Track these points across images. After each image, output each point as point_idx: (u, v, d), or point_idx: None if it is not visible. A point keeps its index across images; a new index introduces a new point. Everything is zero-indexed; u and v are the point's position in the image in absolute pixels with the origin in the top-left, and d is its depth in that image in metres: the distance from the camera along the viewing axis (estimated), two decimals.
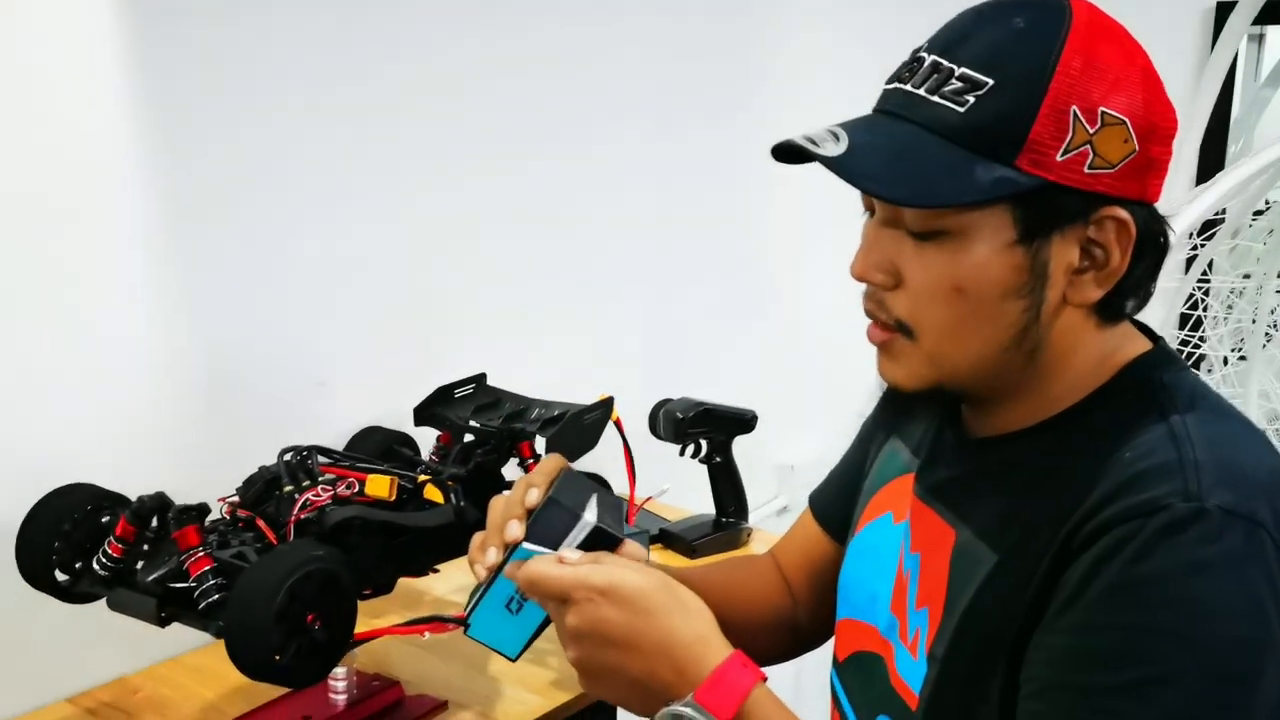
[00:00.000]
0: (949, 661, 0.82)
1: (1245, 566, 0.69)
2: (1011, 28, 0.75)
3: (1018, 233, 0.75)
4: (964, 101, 0.74)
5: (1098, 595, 0.71)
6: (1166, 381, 0.80)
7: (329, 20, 1.42)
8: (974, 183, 0.73)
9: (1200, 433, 0.75)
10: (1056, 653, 0.73)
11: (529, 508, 0.84)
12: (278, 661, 0.93)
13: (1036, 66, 0.73)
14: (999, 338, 0.79)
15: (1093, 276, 0.78)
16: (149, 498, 1.03)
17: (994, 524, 0.82)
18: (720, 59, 2.05)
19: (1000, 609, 0.78)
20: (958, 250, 0.76)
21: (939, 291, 0.77)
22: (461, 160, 1.62)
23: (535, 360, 1.69)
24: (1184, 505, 0.70)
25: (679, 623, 0.78)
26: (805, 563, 1.11)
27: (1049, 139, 0.73)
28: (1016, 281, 0.77)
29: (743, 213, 2.16)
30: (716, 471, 1.65)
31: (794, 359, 2.28)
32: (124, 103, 1.24)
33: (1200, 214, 2.05)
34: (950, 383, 0.82)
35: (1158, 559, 0.69)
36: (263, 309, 1.41)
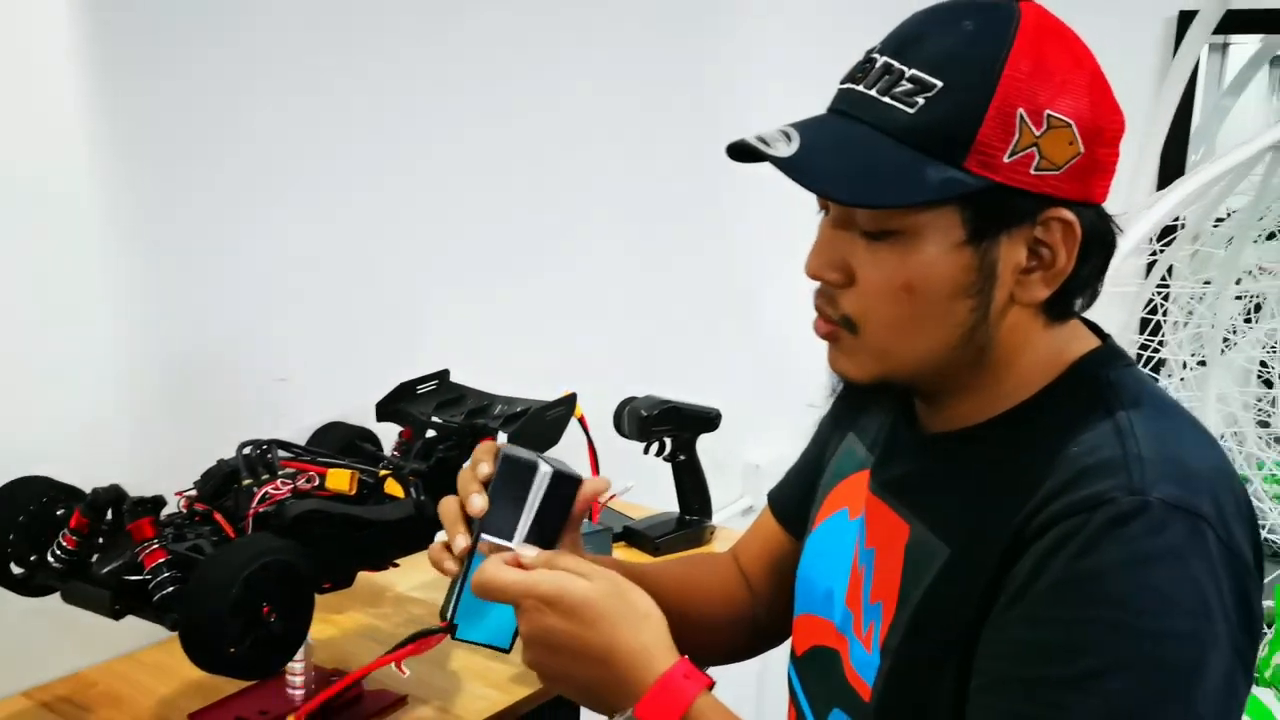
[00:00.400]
0: (902, 654, 0.83)
1: (1188, 559, 0.71)
2: (961, 30, 0.76)
3: (966, 233, 0.77)
4: (914, 103, 0.75)
5: (1044, 589, 0.72)
6: (1113, 379, 0.82)
7: (293, 14, 1.42)
8: (923, 183, 0.75)
9: (1145, 428, 0.76)
10: (1004, 645, 0.74)
11: (484, 479, 0.84)
12: (233, 654, 0.92)
13: (984, 69, 0.74)
14: (947, 336, 0.80)
15: (1040, 276, 0.79)
16: (104, 490, 1.02)
17: (947, 518, 0.83)
18: (689, 60, 2.06)
19: (952, 602, 0.79)
20: (908, 250, 0.77)
21: (889, 290, 0.79)
22: (428, 156, 1.62)
23: (500, 357, 1.69)
24: (1128, 499, 0.71)
25: (624, 634, 0.79)
26: (765, 559, 1.11)
27: (996, 141, 0.74)
28: (965, 281, 0.78)
29: (710, 213, 2.17)
30: (681, 469, 1.66)
31: (761, 359, 2.30)
32: (81, 95, 1.23)
33: (1159, 219, 2.08)
34: (896, 377, 0.83)
35: (1102, 552, 0.71)
36: (224, 302, 1.40)
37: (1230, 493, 0.76)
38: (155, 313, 1.33)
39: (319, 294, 1.50)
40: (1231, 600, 0.72)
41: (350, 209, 1.53)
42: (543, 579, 0.79)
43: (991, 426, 0.84)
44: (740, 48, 2.18)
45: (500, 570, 0.80)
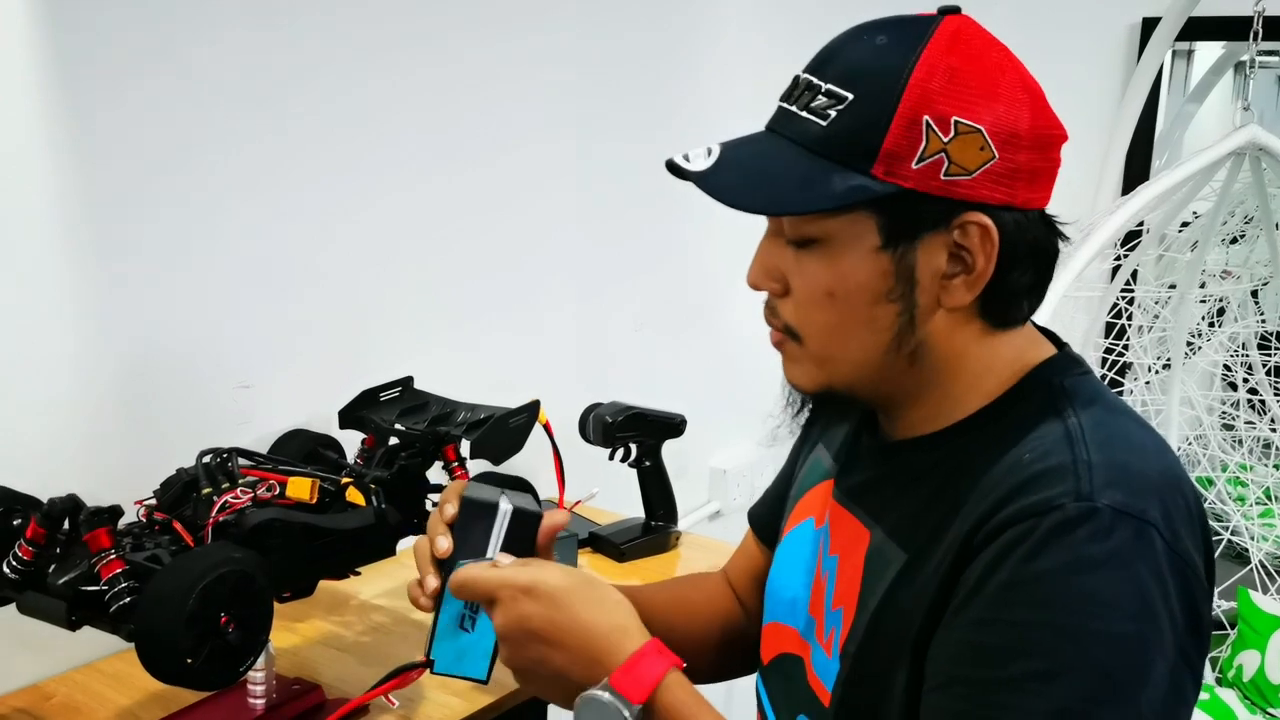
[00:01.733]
0: (860, 658, 0.84)
1: (1134, 563, 0.72)
2: (873, 44, 0.80)
3: (881, 239, 0.79)
4: (826, 115, 0.78)
5: (992, 592, 0.73)
6: (1068, 385, 0.83)
7: (249, 20, 1.41)
8: (829, 191, 0.78)
9: (1095, 434, 0.78)
10: (954, 648, 0.76)
11: (449, 521, 0.87)
12: (189, 665, 0.92)
13: (890, 80, 0.77)
14: (876, 341, 0.82)
15: (963, 280, 0.80)
16: (60, 500, 1.02)
17: (905, 524, 0.84)
18: (647, 65, 2.06)
19: (908, 606, 0.80)
20: (827, 257, 0.81)
21: (814, 297, 0.82)
22: (390, 163, 1.61)
23: (465, 364, 1.69)
24: (1075, 505, 0.73)
25: (597, 615, 0.82)
26: (750, 576, 1.13)
27: (903, 148, 0.77)
28: (884, 286, 0.80)
29: (674, 219, 2.17)
30: (646, 475, 1.66)
31: (727, 364, 2.30)
32: (34, 88, 1.22)
33: (1122, 224, 2.10)
34: (839, 384, 0.85)
35: (1049, 557, 0.72)
36: (184, 308, 1.39)
37: (1180, 498, 0.77)
38: (115, 319, 1.32)
39: (281, 300, 1.50)
40: (1178, 605, 0.73)
41: (312, 215, 1.52)
42: (519, 572, 0.83)
43: (948, 433, 0.85)
44: (702, 49, 2.19)
45: (478, 569, 0.83)
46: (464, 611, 0.87)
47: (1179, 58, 2.97)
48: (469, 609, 0.87)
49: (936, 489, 0.83)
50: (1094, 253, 2.10)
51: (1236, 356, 2.76)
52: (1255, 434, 2.75)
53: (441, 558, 0.86)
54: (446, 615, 0.87)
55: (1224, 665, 2.62)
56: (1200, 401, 2.74)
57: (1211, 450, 2.73)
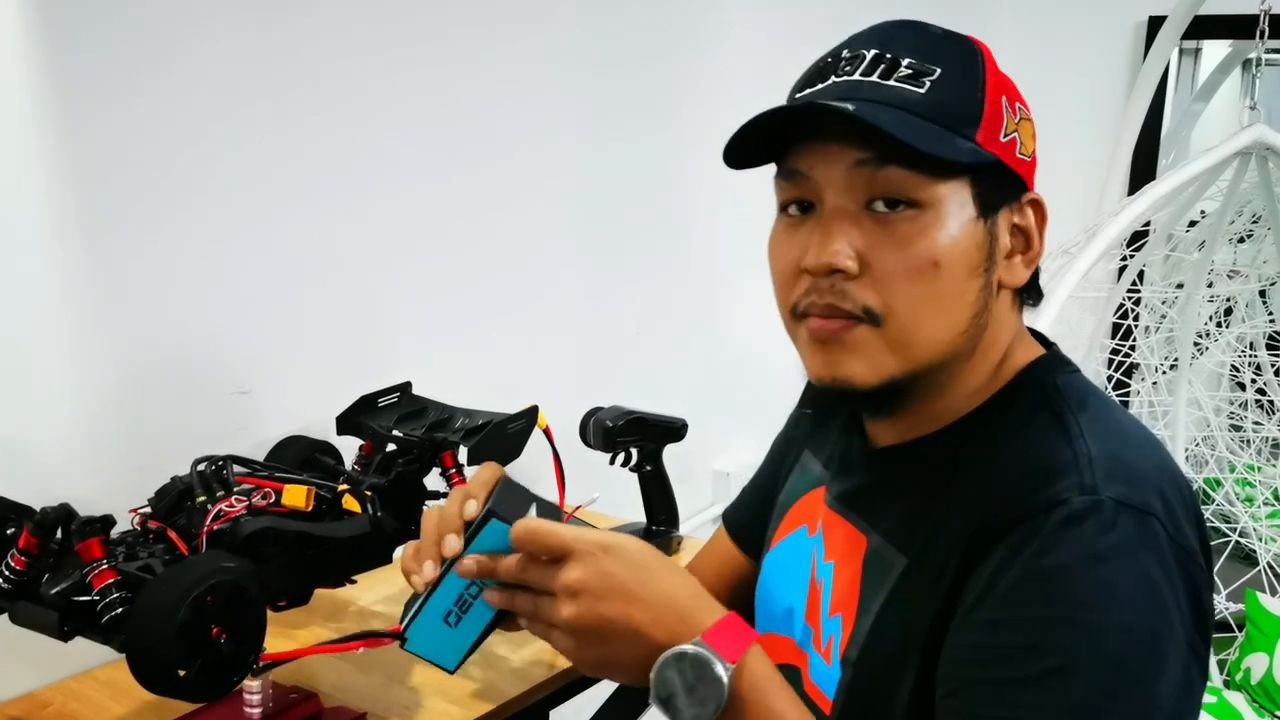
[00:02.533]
0: (862, 664, 0.83)
1: (1139, 554, 0.72)
2: (932, 31, 0.81)
3: (977, 208, 0.79)
4: (921, 83, 0.77)
5: (1003, 591, 0.73)
6: (1059, 384, 0.83)
7: (250, 24, 1.40)
8: (958, 147, 0.77)
9: (1092, 430, 0.78)
10: (967, 650, 0.75)
11: (467, 520, 0.83)
12: (181, 677, 0.91)
13: (970, 58, 0.79)
14: (960, 318, 0.80)
15: (1020, 259, 0.82)
16: (52, 509, 1.01)
17: (902, 527, 0.83)
18: (652, 64, 2.05)
19: (912, 609, 0.80)
20: (931, 225, 0.77)
21: (917, 268, 0.77)
22: (388, 168, 1.61)
23: (464, 370, 1.68)
24: (1080, 499, 0.73)
25: (680, 580, 0.79)
26: (721, 579, 1.12)
27: (994, 121, 0.78)
28: (980, 258, 0.80)
29: (677, 221, 2.17)
30: (647, 480, 1.65)
31: (729, 367, 2.29)
32: (30, 87, 1.21)
33: (1129, 224, 2.09)
34: (909, 372, 0.80)
35: (1058, 552, 0.72)
36: (181, 312, 1.38)
37: (1176, 490, 0.77)
38: (111, 325, 1.31)
39: (279, 306, 1.49)
40: (1184, 595, 0.73)
41: (310, 220, 1.51)
42: (596, 531, 0.79)
43: (942, 435, 0.85)
44: (704, 47, 2.18)
45: (550, 524, 0.79)
46: (453, 608, 0.84)
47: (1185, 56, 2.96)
48: (459, 608, 0.84)
49: (933, 491, 0.82)
50: (1100, 253, 2.08)
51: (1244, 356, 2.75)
52: (1263, 434, 2.74)
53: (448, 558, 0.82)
54: (435, 605, 0.84)
55: (1232, 668, 2.60)
56: (1208, 402, 2.73)
57: (1219, 451, 2.72)
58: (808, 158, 0.79)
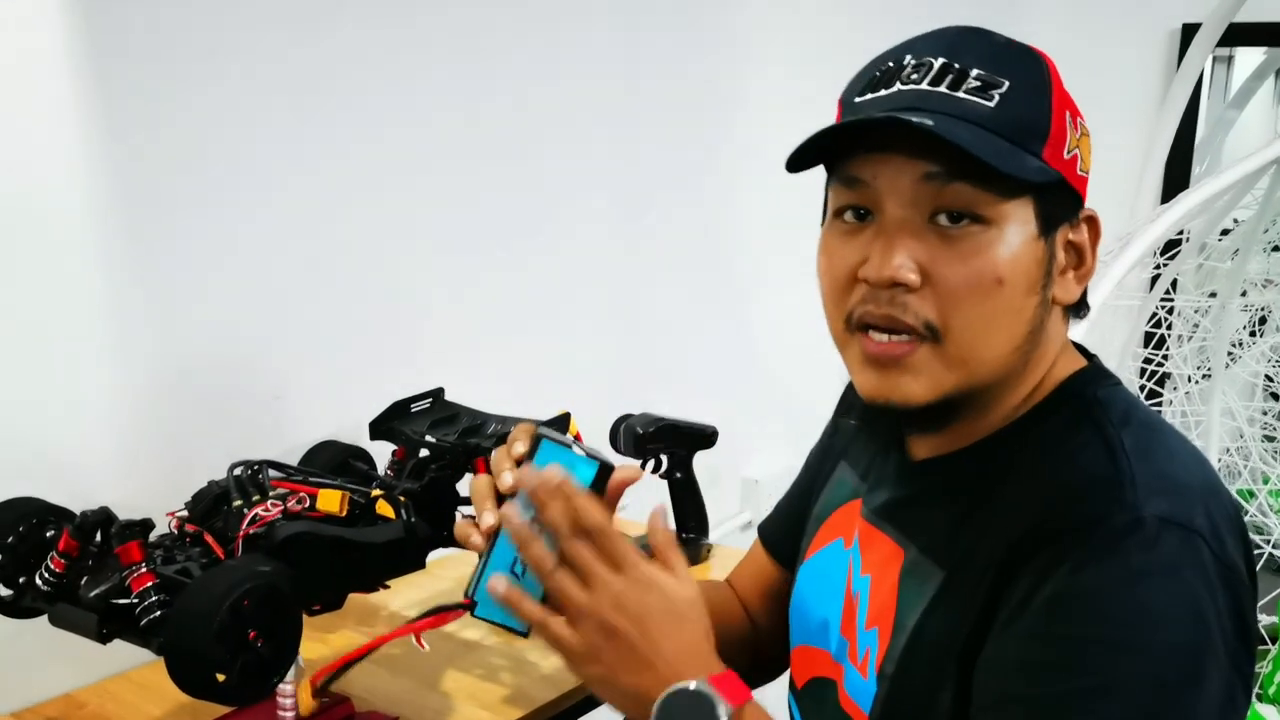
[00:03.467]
0: (899, 679, 0.83)
1: (1181, 573, 0.71)
2: (998, 40, 0.79)
3: (1039, 225, 0.78)
4: (990, 96, 0.76)
5: (1041, 607, 0.72)
6: (1101, 397, 0.82)
7: (282, 28, 1.42)
8: (1027, 165, 0.76)
9: (1135, 446, 0.77)
10: (1005, 665, 0.75)
11: (518, 457, 0.82)
12: (220, 680, 0.92)
13: (1038, 71, 0.78)
14: (1019, 334, 0.80)
15: (1073, 275, 0.82)
16: (92, 512, 1.02)
17: (940, 541, 0.83)
18: (690, 66, 2.05)
19: (949, 623, 0.79)
20: (995, 241, 0.77)
21: (980, 283, 0.76)
22: (422, 171, 1.61)
23: (496, 376, 1.69)
24: (1121, 516, 0.72)
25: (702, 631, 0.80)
26: (759, 590, 1.11)
27: (1059, 137, 0.77)
28: (1039, 275, 0.79)
29: (709, 226, 2.17)
30: (677, 487, 1.65)
31: (760, 373, 2.29)
32: (74, 105, 1.23)
33: (1162, 232, 2.07)
34: (967, 388, 0.80)
35: (1097, 569, 0.71)
36: (217, 319, 1.39)
37: (1222, 507, 0.76)
38: (148, 332, 1.33)
39: (313, 311, 1.50)
40: (1227, 614, 0.72)
41: (344, 226, 1.52)
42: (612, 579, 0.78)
43: (982, 448, 0.84)
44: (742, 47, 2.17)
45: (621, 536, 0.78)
46: (516, 555, 0.80)
47: (1219, 64, 2.94)
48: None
49: (972, 504, 0.81)
50: (1133, 261, 2.07)
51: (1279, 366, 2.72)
52: None
53: (506, 493, 0.80)
54: (497, 560, 0.81)
55: (1264, 681, 2.57)
56: (1241, 412, 2.70)
57: (1253, 462, 2.69)
58: (872, 166, 0.78)
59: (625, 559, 0.78)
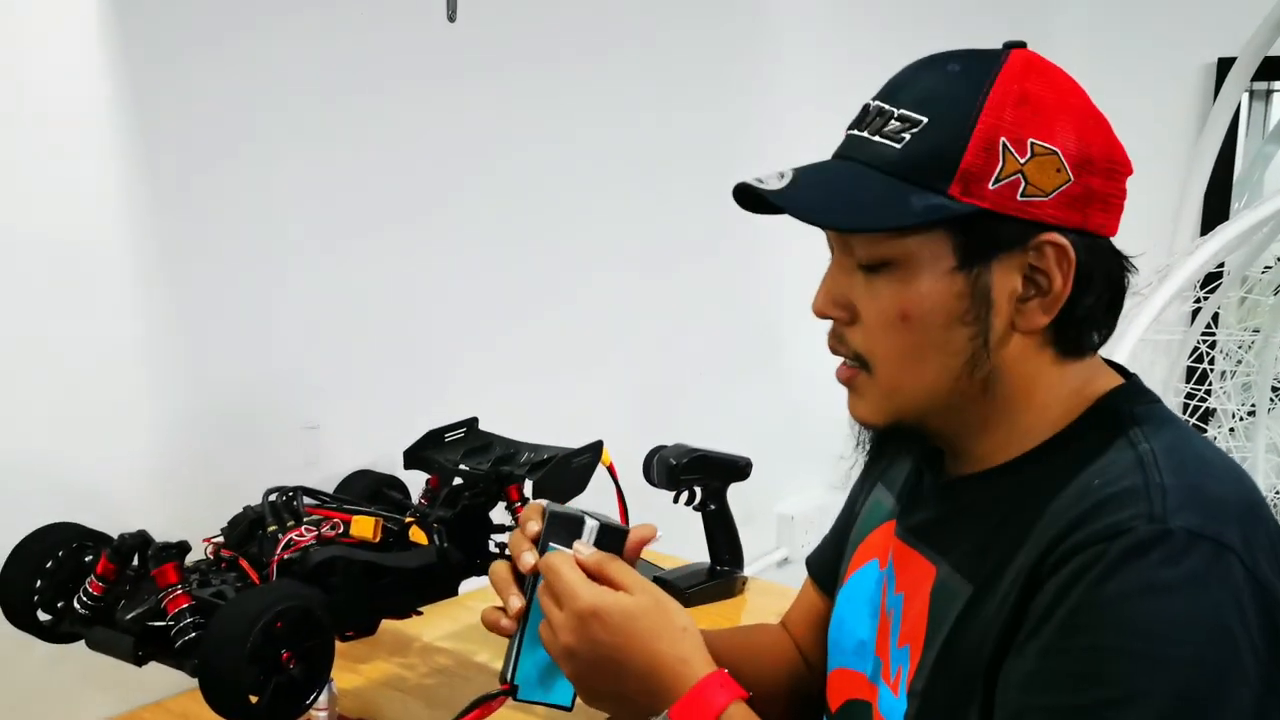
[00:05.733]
0: (929, 696, 0.82)
1: (1210, 588, 0.70)
2: (946, 72, 0.80)
3: (957, 259, 0.79)
4: (901, 139, 0.79)
5: (1062, 618, 0.72)
6: (1137, 413, 0.81)
7: (325, 60, 1.45)
8: (907, 209, 0.77)
9: (1168, 459, 0.76)
10: (1024, 676, 0.74)
11: (533, 537, 0.86)
12: (253, 702, 0.92)
13: (966, 103, 0.78)
14: (949, 365, 0.81)
15: (1038, 303, 0.80)
16: (130, 536, 1.03)
17: (970, 557, 0.82)
18: (719, 99, 2.07)
19: (976, 638, 0.79)
20: (902, 279, 0.80)
21: (887, 320, 0.81)
22: (456, 203, 1.64)
23: (529, 406, 1.69)
24: (1147, 527, 0.71)
25: (664, 645, 0.82)
26: (810, 626, 1.10)
27: (980, 168, 0.77)
28: (959, 308, 0.79)
29: (744, 259, 2.17)
30: (711, 519, 1.64)
31: (794, 409, 2.28)
32: (117, 139, 1.26)
33: (1201, 264, 2.05)
34: (909, 415, 0.84)
35: (1120, 581, 0.70)
36: (255, 352, 1.41)
37: (1261, 524, 0.75)
38: (186, 362, 1.35)
39: (349, 343, 1.52)
40: (1260, 633, 0.71)
41: (379, 259, 1.55)
42: (590, 591, 0.82)
43: (1014, 466, 0.84)
44: (773, 86, 2.19)
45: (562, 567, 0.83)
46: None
47: (1257, 99, 2.92)
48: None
49: (1002, 521, 0.81)
50: (1172, 294, 2.05)
51: None
52: None
53: (528, 574, 0.85)
54: (531, 635, 0.84)
55: None
56: None
57: None
58: None
59: (564, 593, 0.82)
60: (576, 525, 0.86)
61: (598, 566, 0.84)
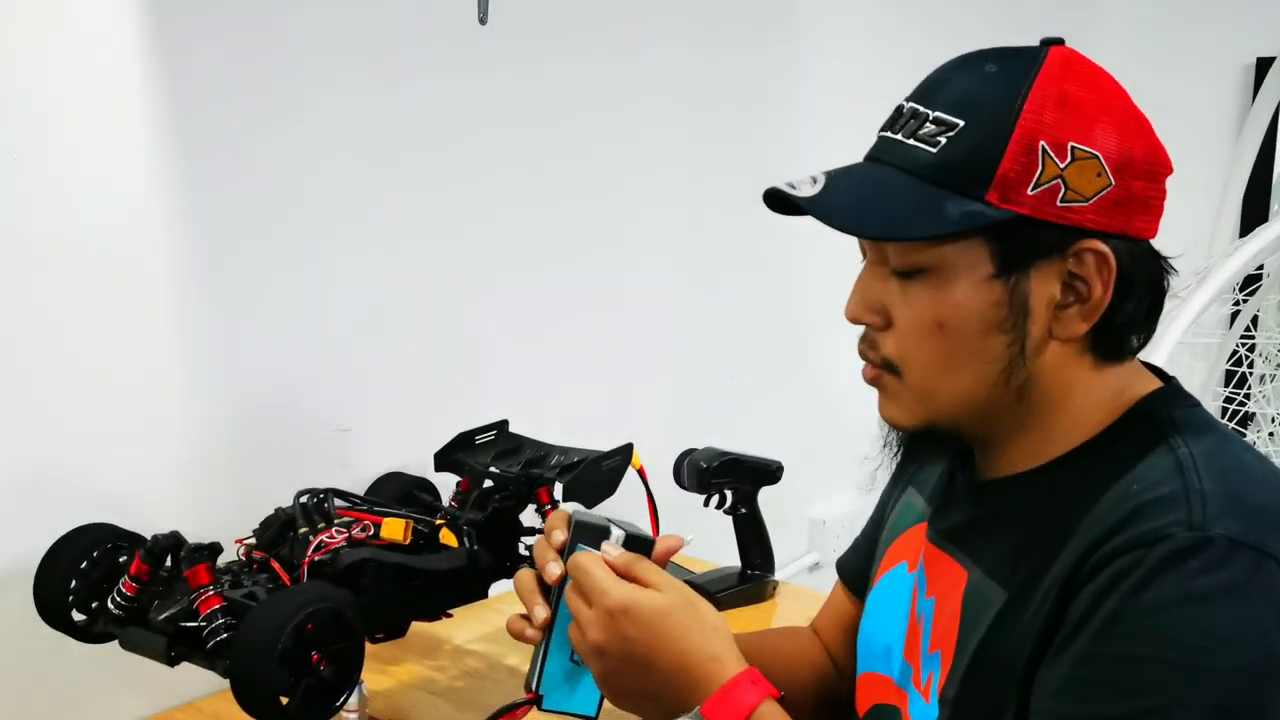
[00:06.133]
0: (960, 703, 0.81)
1: (1249, 596, 0.69)
2: (983, 73, 0.78)
3: (995, 267, 0.77)
4: (937, 143, 0.77)
5: (1099, 626, 0.71)
6: (1176, 417, 0.80)
7: (363, 67, 1.45)
8: (943, 217, 0.76)
9: (1209, 465, 0.75)
10: (1058, 684, 0.73)
11: (559, 546, 0.86)
12: (284, 702, 0.92)
13: (1004, 106, 0.76)
14: (985, 373, 0.80)
15: (1077, 311, 0.79)
16: (163, 536, 1.04)
17: (1004, 562, 0.81)
18: (751, 100, 2.06)
19: (1009, 646, 0.78)
20: (938, 286, 0.78)
21: (922, 328, 0.80)
22: (487, 206, 1.64)
23: (560, 409, 1.69)
24: (1187, 534, 0.70)
25: (696, 642, 0.81)
26: (840, 630, 1.10)
27: (1019, 174, 0.75)
28: (996, 316, 0.78)
29: (776, 262, 2.16)
30: (742, 523, 1.63)
31: (826, 413, 2.26)
32: (156, 142, 1.27)
33: (1239, 267, 2.03)
34: (943, 420, 0.83)
35: (1158, 589, 0.69)
36: (287, 354, 1.42)
37: None
38: (219, 365, 1.36)
39: (381, 346, 1.52)
40: None
41: (410, 262, 1.55)
42: (621, 588, 0.82)
43: (1050, 469, 0.82)
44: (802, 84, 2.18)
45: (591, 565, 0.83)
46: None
47: None
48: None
49: (1037, 525, 0.80)
50: (1211, 297, 2.02)
51: None
52: None
53: (552, 584, 0.85)
54: (556, 645, 0.85)
55: None
56: None
57: None
58: None
59: (593, 590, 0.82)
60: (602, 534, 0.86)
61: (626, 566, 0.84)
